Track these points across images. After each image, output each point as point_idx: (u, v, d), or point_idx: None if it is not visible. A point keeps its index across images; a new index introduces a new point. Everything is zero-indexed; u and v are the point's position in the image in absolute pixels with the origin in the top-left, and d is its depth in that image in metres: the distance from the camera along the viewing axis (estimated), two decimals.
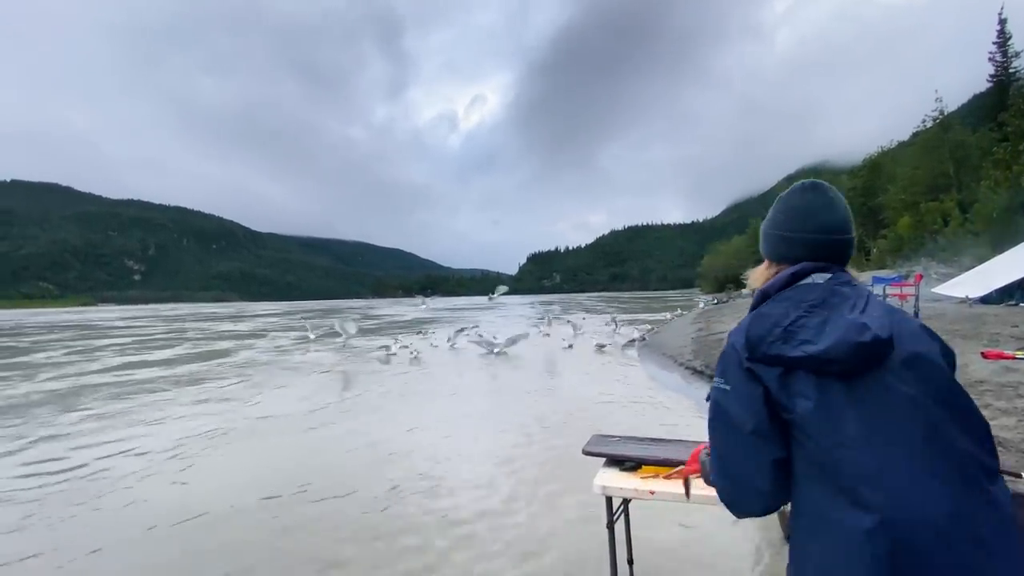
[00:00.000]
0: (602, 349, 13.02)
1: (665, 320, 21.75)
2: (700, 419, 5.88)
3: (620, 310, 36.86)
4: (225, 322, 37.11)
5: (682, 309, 27.90)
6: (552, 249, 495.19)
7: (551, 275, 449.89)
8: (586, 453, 2.49)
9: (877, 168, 45.08)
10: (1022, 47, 34.56)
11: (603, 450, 2.44)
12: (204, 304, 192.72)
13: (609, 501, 2.26)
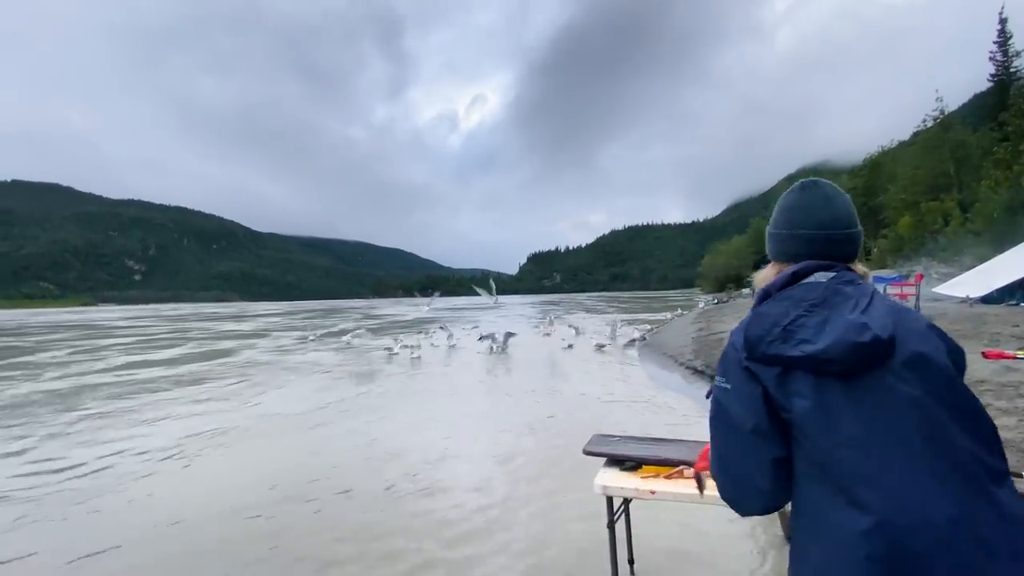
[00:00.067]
0: (601, 349, 13.02)
1: (665, 320, 21.74)
2: (701, 419, 5.88)
3: (620, 310, 36.86)
4: (228, 322, 37.18)
5: (682, 309, 27.88)
6: (552, 249, 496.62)
7: (551, 275, 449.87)
8: (587, 453, 2.49)
9: (878, 168, 45.04)
10: (1023, 46, 34.58)
11: (603, 450, 2.44)
12: (205, 304, 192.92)
13: (610, 501, 2.27)
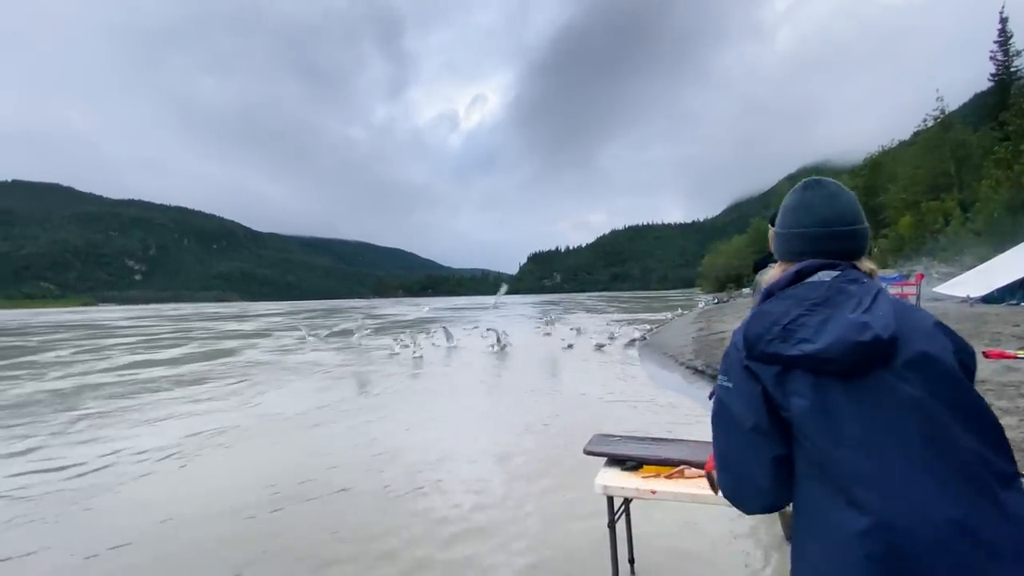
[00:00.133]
0: (601, 349, 13.03)
1: (666, 320, 21.74)
2: (701, 419, 5.88)
3: (620, 310, 36.86)
4: (230, 321, 37.28)
5: (683, 308, 27.90)
6: (553, 249, 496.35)
7: (552, 275, 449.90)
8: (587, 453, 2.50)
9: (878, 167, 45.03)
10: (1023, 46, 34.58)
11: (604, 450, 2.44)
12: (206, 304, 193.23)
13: (610, 500, 2.27)
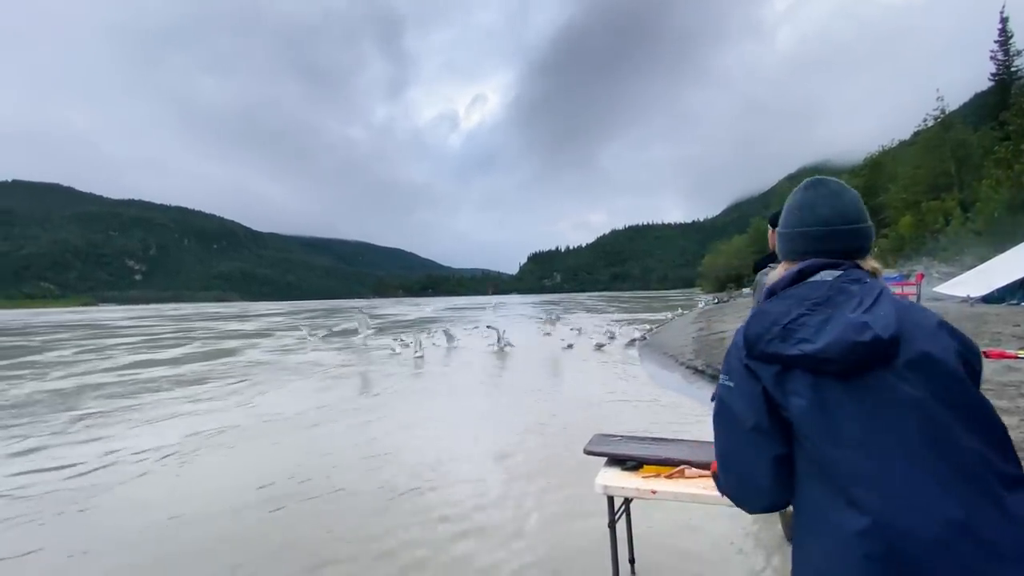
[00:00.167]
0: (601, 348, 13.03)
1: (666, 319, 21.74)
2: (701, 419, 5.88)
3: (621, 310, 36.86)
4: (231, 321, 37.33)
5: (683, 308, 27.89)
6: (553, 248, 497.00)
7: (552, 275, 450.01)
8: (587, 452, 2.50)
9: (878, 167, 44.95)
10: (1023, 45, 34.55)
11: (604, 449, 2.44)
12: (206, 304, 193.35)
13: (611, 500, 2.26)
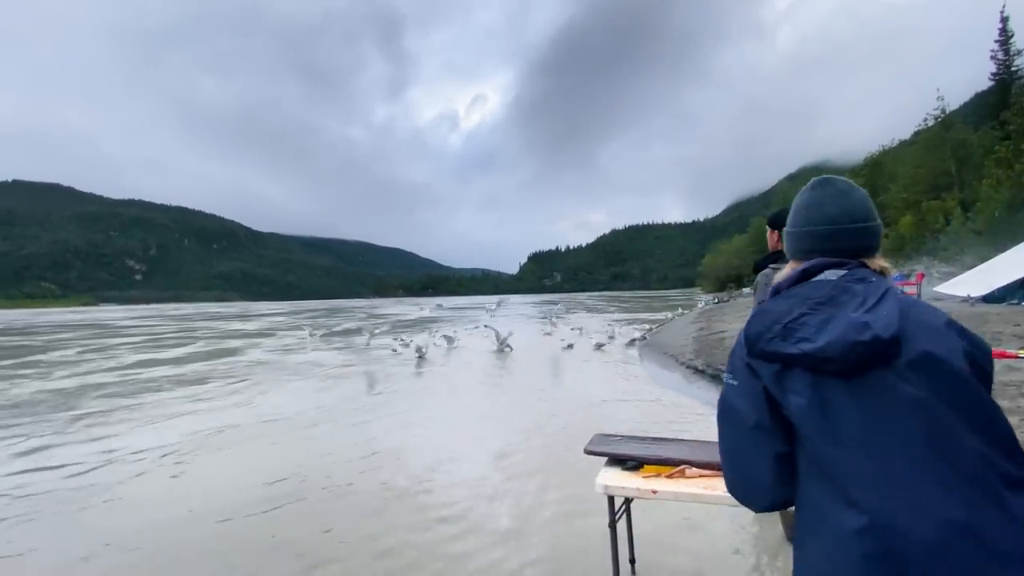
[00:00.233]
0: (601, 348, 13.03)
1: (666, 319, 21.74)
2: (701, 418, 5.88)
3: (621, 309, 36.86)
4: (233, 321, 37.37)
5: (683, 308, 27.92)
6: (553, 248, 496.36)
7: (552, 274, 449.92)
8: (588, 452, 2.50)
9: (878, 167, 44.92)
10: None
11: (605, 449, 2.44)
12: (207, 304, 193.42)
13: (611, 500, 2.26)
